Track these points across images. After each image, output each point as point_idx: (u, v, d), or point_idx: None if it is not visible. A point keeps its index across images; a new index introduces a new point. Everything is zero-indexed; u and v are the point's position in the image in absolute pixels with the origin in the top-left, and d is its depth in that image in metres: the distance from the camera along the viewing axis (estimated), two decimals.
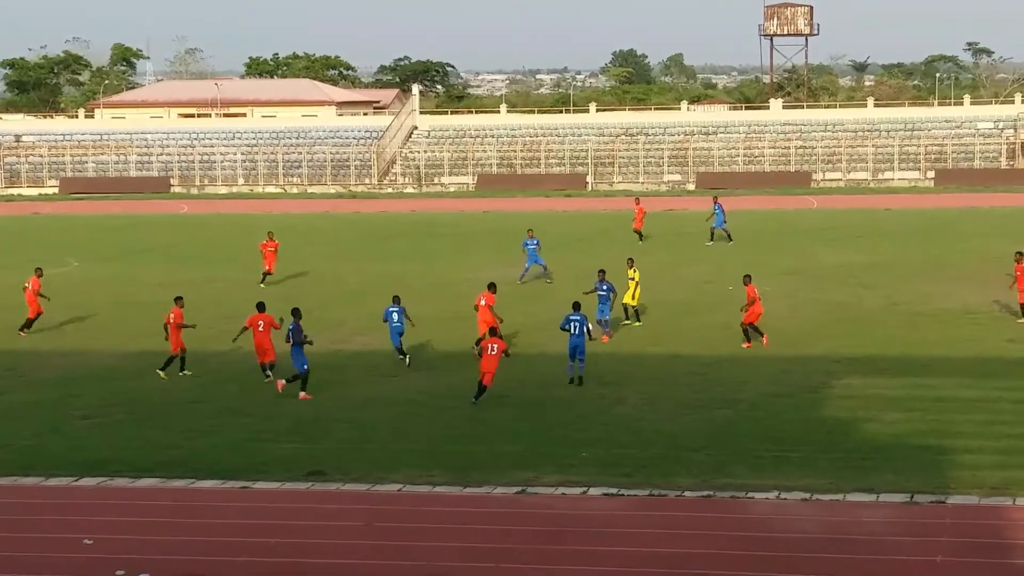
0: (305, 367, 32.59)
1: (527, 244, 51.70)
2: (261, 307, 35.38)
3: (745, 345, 37.69)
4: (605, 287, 39.40)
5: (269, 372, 34.43)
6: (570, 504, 23.54)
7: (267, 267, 51.83)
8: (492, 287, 38.36)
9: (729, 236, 64.35)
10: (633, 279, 41.72)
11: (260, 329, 34.57)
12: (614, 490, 24.22)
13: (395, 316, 36.01)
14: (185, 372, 35.43)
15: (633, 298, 41.40)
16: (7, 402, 32.34)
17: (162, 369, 35.26)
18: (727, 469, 25.36)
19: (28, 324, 42.59)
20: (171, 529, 22.40)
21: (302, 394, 32.37)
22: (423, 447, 27.53)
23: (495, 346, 31.68)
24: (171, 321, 35.61)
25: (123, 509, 23.64)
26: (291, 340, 32.77)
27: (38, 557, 21.05)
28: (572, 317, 34.14)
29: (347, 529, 22.27)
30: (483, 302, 37.77)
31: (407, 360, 35.89)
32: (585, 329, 33.90)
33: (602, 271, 40.11)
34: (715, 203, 66.04)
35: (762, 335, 37.92)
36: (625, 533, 21.88)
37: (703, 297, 46.43)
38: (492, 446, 27.46)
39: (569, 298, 37.46)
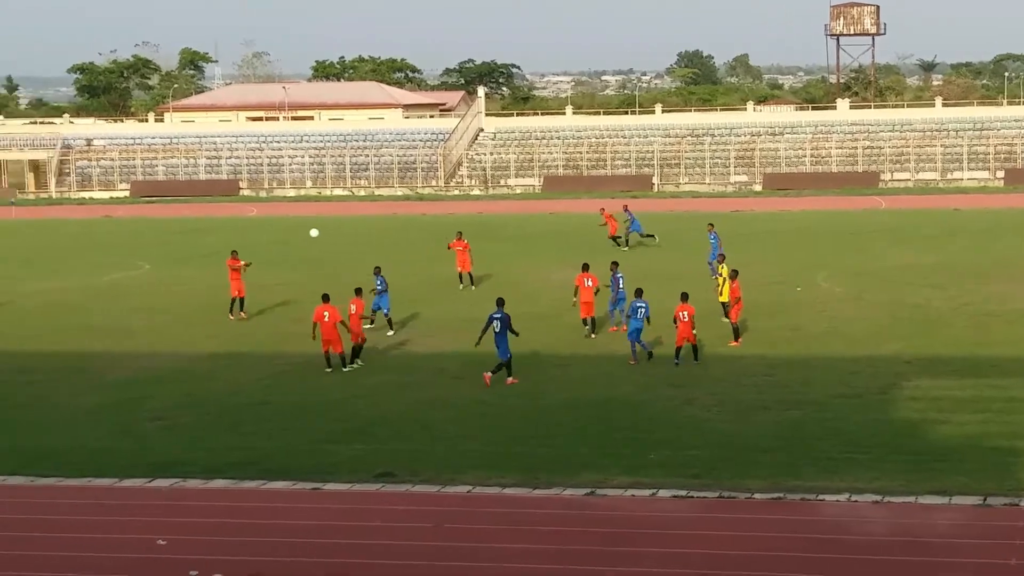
0: (508, 355, 33.57)
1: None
2: (326, 298, 36.18)
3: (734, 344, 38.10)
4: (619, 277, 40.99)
5: (347, 364, 35.53)
6: (639, 506, 23.51)
7: (461, 267, 51.71)
8: (585, 267, 40.97)
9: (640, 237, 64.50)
10: (722, 275, 41.87)
11: (326, 320, 35.29)
12: (683, 492, 24.16)
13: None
14: (356, 363, 36.16)
15: (722, 294, 41.38)
16: (80, 403, 32.63)
17: (352, 361, 36.06)
18: (797, 471, 25.22)
19: (240, 306, 44.73)
20: (243, 530, 22.56)
21: (509, 379, 33.39)
22: (492, 448, 27.56)
23: (686, 313, 35.08)
24: (353, 312, 36.47)
25: (196, 510, 23.82)
26: (498, 329, 33.68)
27: (113, 558, 21.25)
28: (638, 304, 35.97)
29: (416, 530, 22.33)
30: (588, 283, 40.00)
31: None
32: (647, 316, 35.88)
33: (614, 263, 42.01)
34: (626, 210, 66.30)
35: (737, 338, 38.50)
36: (694, 535, 21.83)
37: (769, 298, 46.20)
38: (561, 447, 27.46)
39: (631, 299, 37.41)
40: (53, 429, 30.09)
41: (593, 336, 39.90)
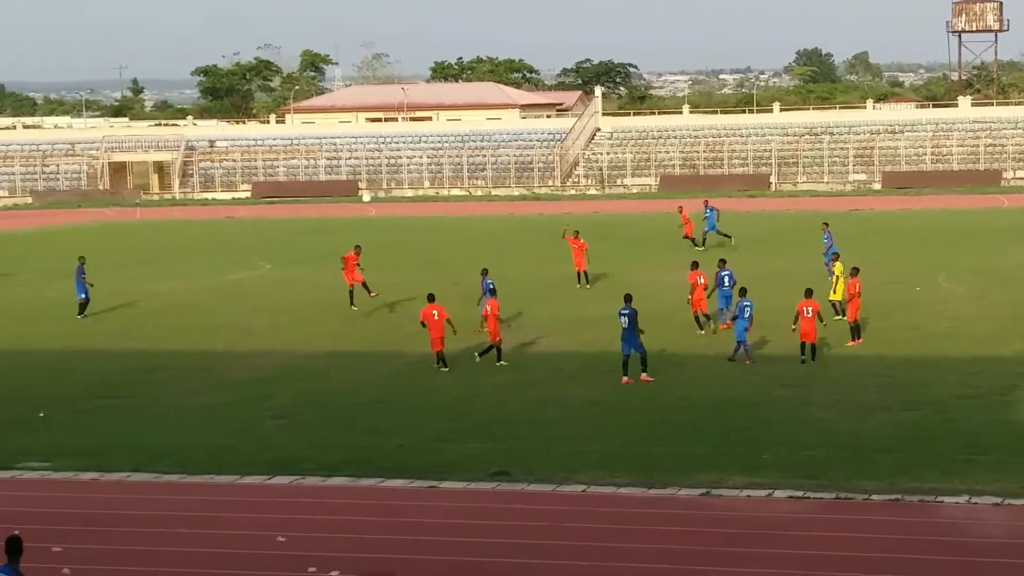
0: (642, 350, 33.95)
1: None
2: (431, 298, 36.78)
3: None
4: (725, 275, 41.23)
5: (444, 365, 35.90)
6: (755, 506, 23.43)
7: (578, 267, 52.03)
8: (695, 265, 41.38)
9: (725, 236, 63.91)
10: (835, 274, 41.77)
11: (435, 318, 35.83)
12: (800, 493, 24.04)
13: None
14: (502, 363, 36.59)
15: (835, 292, 41.13)
16: (202, 402, 33.17)
17: (481, 355, 36.81)
18: (915, 472, 24.98)
19: (366, 289, 46.43)
20: (360, 527, 22.80)
21: (645, 376, 33.71)
22: (608, 448, 27.61)
23: (810, 308, 35.31)
24: (488, 313, 36.95)
25: (314, 507, 24.11)
26: (626, 324, 33.97)
27: (233, 553, 21.58)
28: (744, 303, 36.03)
29: (532, 529, 22.44)
30: (700, 280, 40.44)
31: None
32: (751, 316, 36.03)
33: (722, 260, 42.07)
34: (706, 207, 65.47)
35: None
36: (811, 536, 21.71)
37: (888, 297, 45.73)
38: (676, 447, 27.44)
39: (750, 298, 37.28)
40: (175, 427, 30.60)
41: (701, 333, 39.92)
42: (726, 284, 40.60)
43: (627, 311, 34.23)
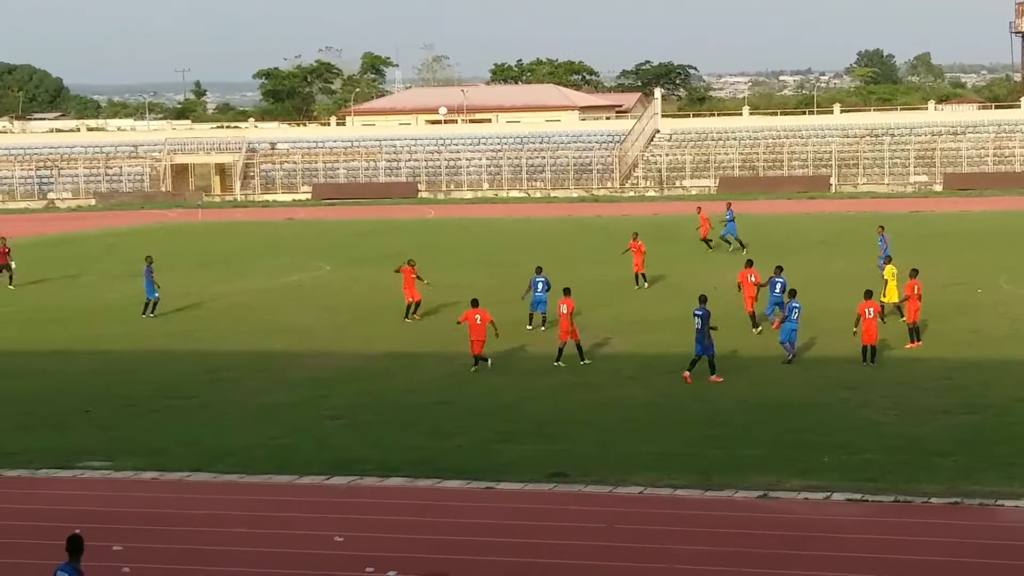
0: (711, 351, 34.14)
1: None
2: (475, 303, 36.79)
3: None
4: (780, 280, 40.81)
5: (485, 362, 36.36)
6: (812, 509, 23.37)
7: (636, 268, 52.56)
8: (749, 263, 42.17)
9: (741, 243, 62.49)
10: (885, 278, 41.69)
11: (478, 323, 36.28)
12: (858, 495, 23.95)
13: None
14: (585, 361, 36.97)
15: (884, 295, 40.97)
16: (262, 402, 33.38)
17: (582, 359, 37.03)
18: (975, 475, 24.83)
19: (414, 309, 45.80)
20: (417, 528, 22.89)
21: (713, 377, 33.86)
22: (665, 449, 27.60)
23: (871, 310, 35.40)
24: (565, 312, 37.15)
25: (372, 508, 24.23)
26: (699, 325, 34.20)
27: (291, 553, 21.72)
28: (793, 304, 36.20)
29: (588, 531, 22.47)
30: (751, 279, 40.93)
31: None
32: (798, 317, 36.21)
33: (778, 267, 41.19)
34: (728, 209, 64.47)
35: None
36: (869, 539, 21.64)
37: (949, 300, 45.45)
38: (733, 449, 27.39)
39: (808, 301, 37.17)
40: (236, 427, 30.83)
41: (756, 331, 39.89)
42: (777, 291, 40.29)
43: (701, 312, 34.35)
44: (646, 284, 51.54)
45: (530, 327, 42.54)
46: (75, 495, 25.55)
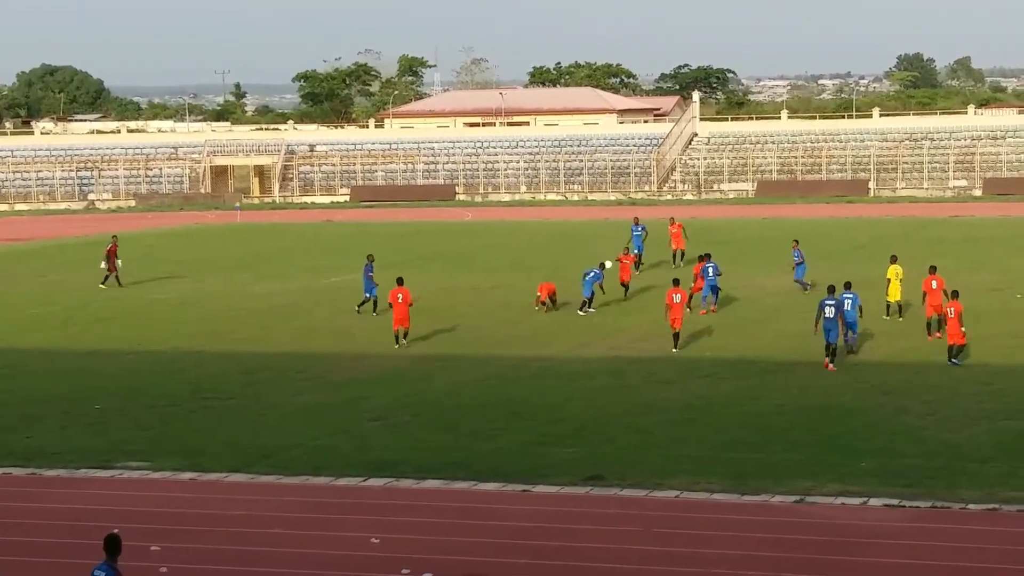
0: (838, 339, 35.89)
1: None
2: (400, 281, 41.31)
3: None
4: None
5: (403, 340, 40.16)
6: (849, 514, 23.29)
7: (676, 246, 58.07)
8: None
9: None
10: (888, 277, 43.07)
11: (400, 301, 40.21)
12: (895, 501, 23.86)
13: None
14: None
15: (887, 294, 42.86)
16: (300, 403, 33.47)
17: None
18: (1014, 482, 24.71)
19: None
20: (453, 530, 22.93)
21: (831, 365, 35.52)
22: (702, 453, 27.55)
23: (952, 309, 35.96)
24: (676, 302, 38.91)
25: (408, 510, 24.25)
26: (831, 314, 35.73)
27: (327, 555, 21.80)
28: (846, 296, 37.06)
29: (624, 534, 22.45)
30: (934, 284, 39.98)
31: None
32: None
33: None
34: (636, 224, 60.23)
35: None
36: (906, 545, 21.56)
37: (990, 304, 45.23)
38: (770, 454, 27.33)
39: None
40: (274, 428, 30.91)
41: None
42: (711, 274, 44.96)
43: (831, 301, 35.92)
44: (682, 263, 54.24)
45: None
46: (113, 495, 25.69)
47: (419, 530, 22.89)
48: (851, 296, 36.90)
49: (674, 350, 38.78)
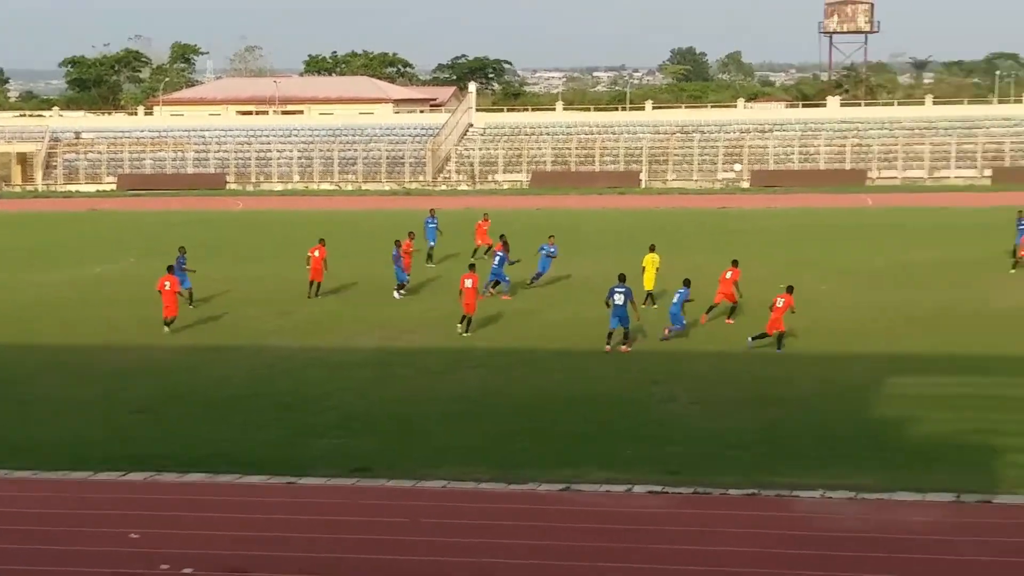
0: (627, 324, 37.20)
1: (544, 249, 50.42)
2: (170, 269, 42.08)
3: None
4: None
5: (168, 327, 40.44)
6: (614, 501, 23.46)
7: (480, 241, 57.84)
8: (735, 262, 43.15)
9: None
10: (643, 266, 45.00)
11: (167, 289, 40.73)
12: (659, 488, 24.12)
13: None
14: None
15: (643, 282, 44.54)
16: (60, 396, 32.51)
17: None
18: (772, 466, 25.23)
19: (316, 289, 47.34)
20: (216, 524, 22.49)
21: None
22: (469, 443, 27.51)
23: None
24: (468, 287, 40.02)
25: (170, 504, 23.72)
26: (620, 302, 36.98)
27: (86, 551, 21.18)
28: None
29: (390, 525, 22.24)
30: (728, 275, 41.91)
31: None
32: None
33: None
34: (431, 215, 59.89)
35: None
36: (670, 530, 21.81)
37: (752, 295, 46.08)
38: (538, 443, 27.42)
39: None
40: (33, 422, 30.04)
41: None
42: (495, 263, 47.06)
43: (623, 289, 37.17)
44: (486, 256, 54.13)
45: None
46: None
47: (180, 524, 22.40)
48: (623, 289, 37.29)
49: (465, 334, 39.51)
